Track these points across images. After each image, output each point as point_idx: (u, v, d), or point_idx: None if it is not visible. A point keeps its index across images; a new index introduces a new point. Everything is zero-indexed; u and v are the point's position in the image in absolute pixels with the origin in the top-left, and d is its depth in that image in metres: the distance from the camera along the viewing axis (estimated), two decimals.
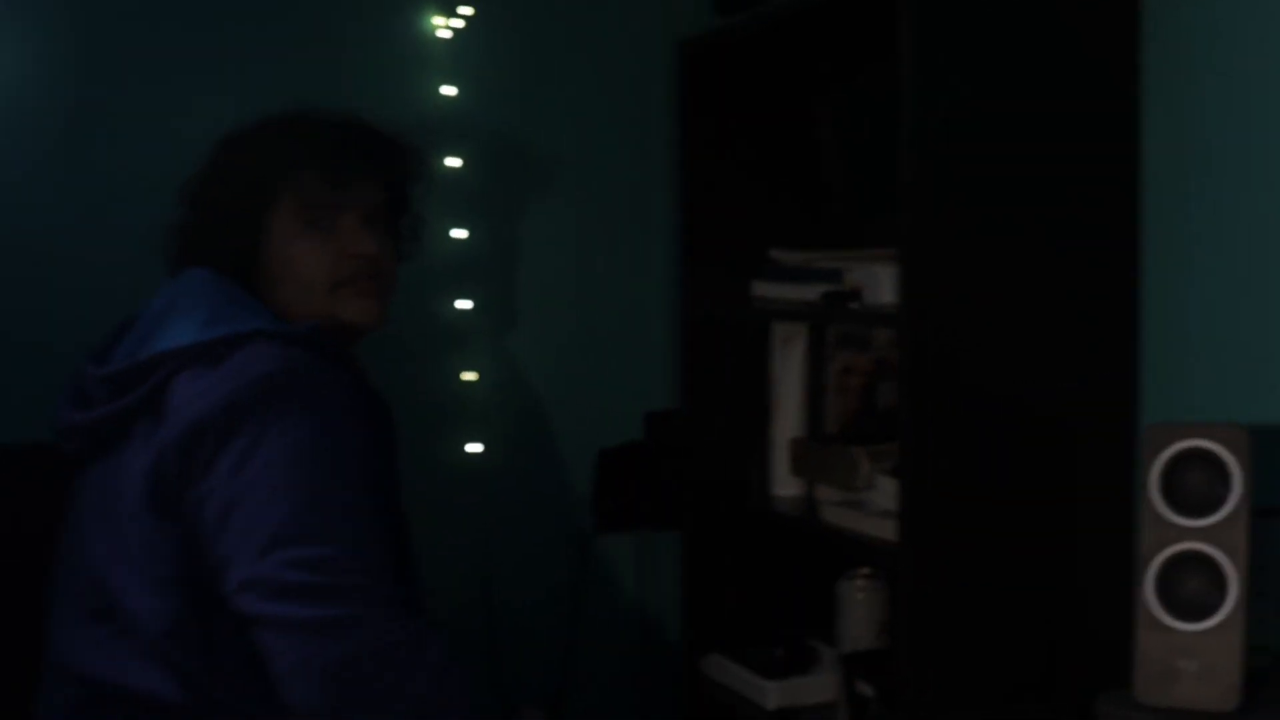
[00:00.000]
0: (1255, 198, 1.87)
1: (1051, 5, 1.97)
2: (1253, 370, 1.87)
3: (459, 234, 2.63)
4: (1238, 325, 1.90)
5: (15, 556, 1.96)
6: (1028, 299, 1.97)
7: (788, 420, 2.42)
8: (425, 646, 1.56)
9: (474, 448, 2.65)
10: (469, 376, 2.66)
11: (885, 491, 2.11)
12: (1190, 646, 1.58)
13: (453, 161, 2.63)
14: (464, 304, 2.65)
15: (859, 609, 2.27)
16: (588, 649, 2.72)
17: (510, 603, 2.69)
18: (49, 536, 1.85)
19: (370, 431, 1.74)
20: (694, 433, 2.58)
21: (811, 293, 2.30)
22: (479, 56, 2.65)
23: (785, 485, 2.41)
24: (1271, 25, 1.84)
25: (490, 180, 2.67)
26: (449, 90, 2.63)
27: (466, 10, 2.63)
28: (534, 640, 2.70)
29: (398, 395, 1.92)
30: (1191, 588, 1.59)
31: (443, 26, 2.62)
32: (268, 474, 1.59)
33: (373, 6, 2.59)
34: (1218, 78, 1.92)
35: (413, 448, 2.04)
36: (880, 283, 2.10)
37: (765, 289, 2.47)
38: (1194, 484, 1.60)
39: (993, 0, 1.94)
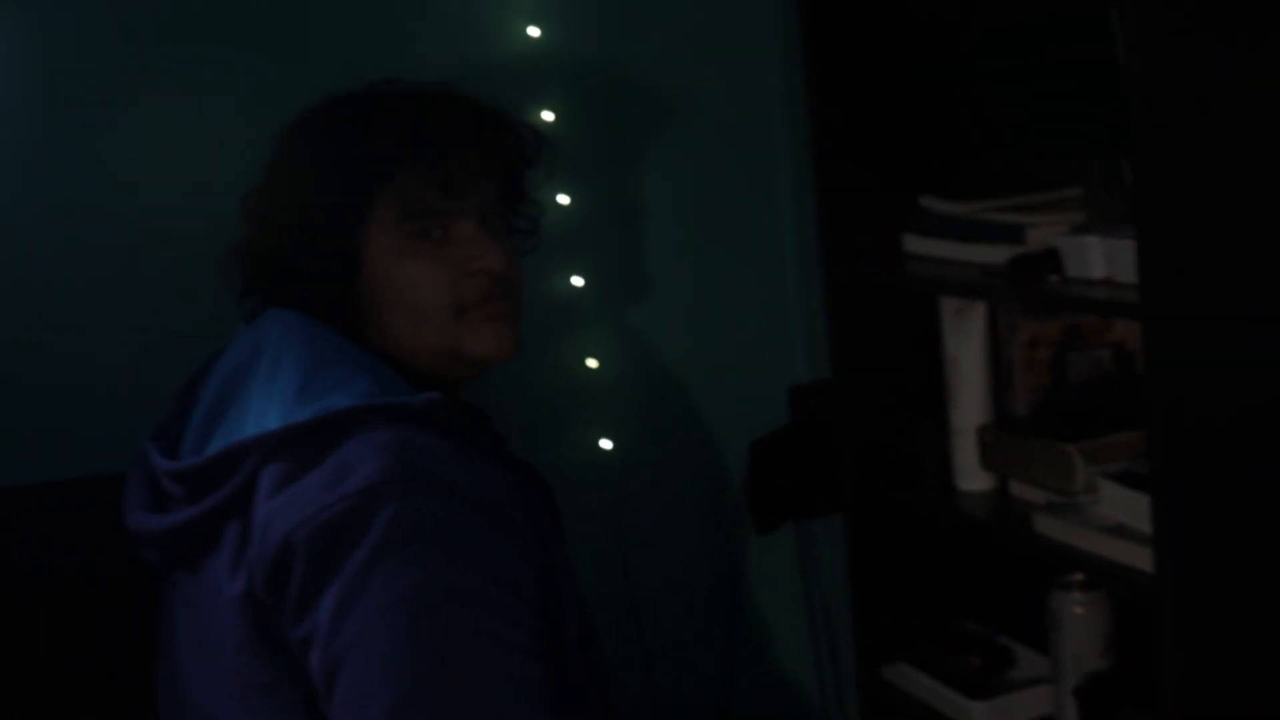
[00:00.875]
0: None
1: None
2: None
3: (561, 199, 2.28)
4: None
5: None
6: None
7: (970, 402, 2.08)
8: None
9: (605, 444, 2.34)
10: (591, 364, 2.34)
11: (1112, 500, 1.80)
12: None
13: (545, 115, 2.27)
14: (576, 280, 2.31)
15: (1079, 624, 1.96)
16: (748, 658, 2.46)
17: (660, 614, 2.40)
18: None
19: (519, 529, 1.37)
20: (849, 404, 2.24)
21: (984, 254, 1.97)
22: None
23: (972, 478, 2.08)
24: None
25: (588, 133, 2.31)
26: (533, 31, 2.26)
27: None
28: (689, 654, 2.43)
29: (514, 389, 1.59)
30: None
31: None
32: (375, 637, 1.23)
33: None
34: None
35: (536, 448, 1.75)
36: (1089, 253, 1.76)
37: (921, 245, 2.13)
38: None
39: None
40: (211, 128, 2.08)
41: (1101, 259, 1.75)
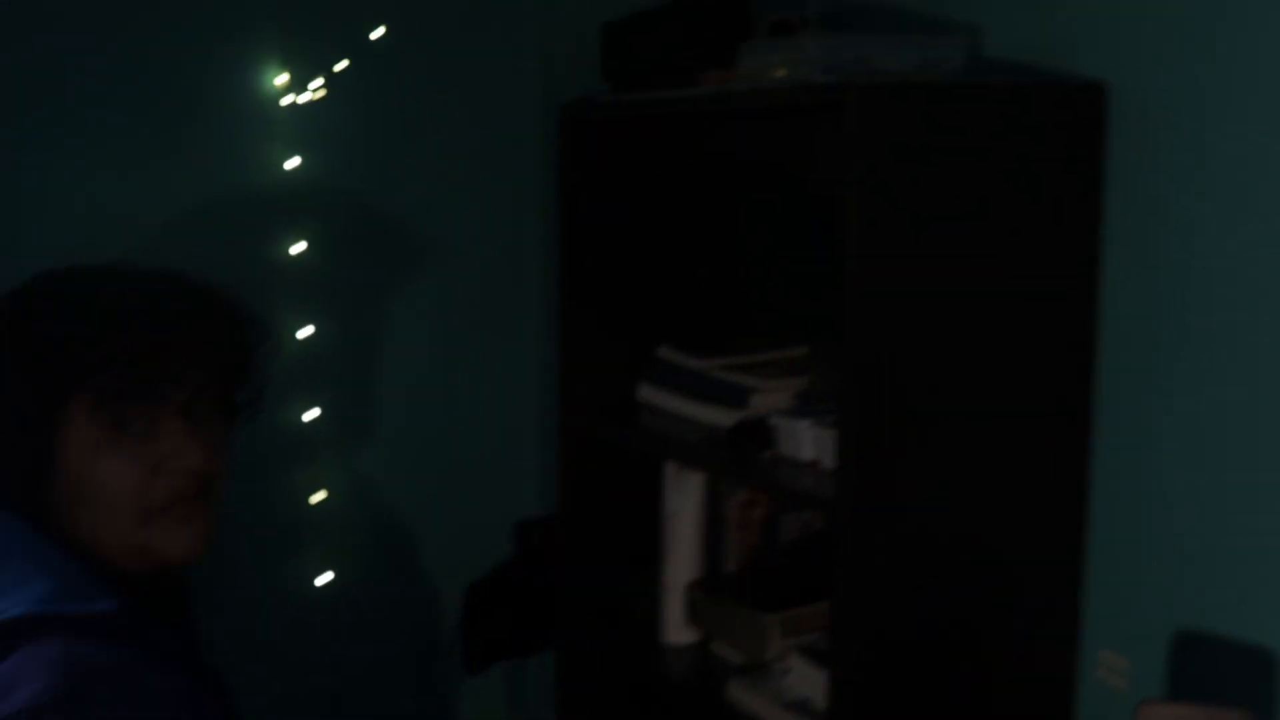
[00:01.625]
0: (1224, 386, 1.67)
1: (1016, 138, 1.69)
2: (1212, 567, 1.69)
3: (304, 332, 2.30)
4: (1197, 518, 1.71)
5: None
6: (978, 470, 1.72)
7: (683, 557, 2.15)
8: None
9: (324, 578, 2.35)
10: (318, 497, 2.35)
11: (799, 673, 1.88)
12: None
13: (296, 246, 2.29)
14: (311, 413, 2.33)
15: None
16: None
17: None
18: None
19: None
20: (570, 547, 2.28)
21: (711, 414, 2.03)
22: (326, 121, 2.30)
23: (679, 632, 2.14)
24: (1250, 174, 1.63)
25: (339, 266, 2.34)
26: (291, 162, 2.28)
27: (316, 81, 2.29)
28: None
29: (235, 520, 1.54)
30: None
31: (285, 91, 2.27)
32: None
33: (201, 66, 2.20)
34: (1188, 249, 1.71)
35: (254, 580, 1.73)
36: (800, 435, 1.83)
37: (655, 396, 2.18)
38: None
39: (944, 121, 1.63)
40: None
41: (811, 443, 1.81)
